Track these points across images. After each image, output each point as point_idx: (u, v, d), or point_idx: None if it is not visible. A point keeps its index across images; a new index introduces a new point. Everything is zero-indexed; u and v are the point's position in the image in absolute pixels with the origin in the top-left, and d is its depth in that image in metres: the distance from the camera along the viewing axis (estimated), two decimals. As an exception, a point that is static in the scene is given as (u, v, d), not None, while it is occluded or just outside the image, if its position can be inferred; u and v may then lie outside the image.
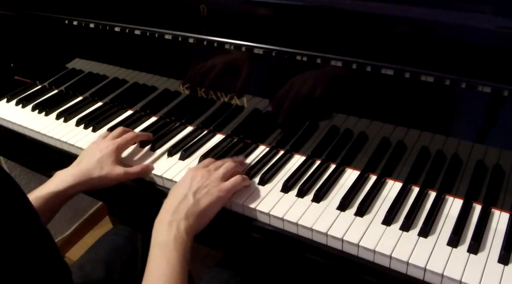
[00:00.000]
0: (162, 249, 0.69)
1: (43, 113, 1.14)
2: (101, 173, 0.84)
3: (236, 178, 0.80)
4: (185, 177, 0.80)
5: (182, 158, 0.93)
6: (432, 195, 0.79)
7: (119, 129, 0.96)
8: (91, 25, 1.02)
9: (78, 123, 1.08)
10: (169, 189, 0.84)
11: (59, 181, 0.83)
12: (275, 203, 0.79)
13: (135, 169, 0.88)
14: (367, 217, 0.76)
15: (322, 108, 0.84)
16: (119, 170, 0.86)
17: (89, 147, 0.91)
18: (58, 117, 1.11)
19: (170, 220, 0.72)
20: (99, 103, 1.17)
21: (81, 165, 0.86)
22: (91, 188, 0.86)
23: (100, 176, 0.84)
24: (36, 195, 0.80)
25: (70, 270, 0.65)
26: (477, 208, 0.76)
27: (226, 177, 0.80)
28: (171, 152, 0.95)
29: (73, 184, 0.83)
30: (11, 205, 0.54)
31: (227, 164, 0.83)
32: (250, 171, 0.87)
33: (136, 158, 0.95)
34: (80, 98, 1.20)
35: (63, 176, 0.84)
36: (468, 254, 0.68)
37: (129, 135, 0.93)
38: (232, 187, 0.79)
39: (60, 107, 1.15)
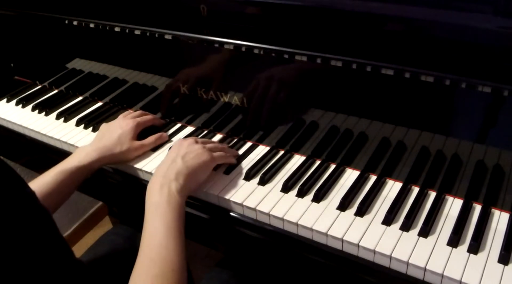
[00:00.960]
0: (155, 209, 0.71)
1: (43, 113, 1.14)
2: (122, 148, 0.91)
3: (223, 152, 0.87)
4: (173, 147, 0.85)
5: (182, 158, 0.93)
6: (432, 195, 0.79)
7: (139, 111, 1.04)
8: (91, 25, 1.02)
9: (78, 123, 1.08)
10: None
11: (83, 156, 0.88)
12: (275, 203, 0.79)
13: (150, 139, 0.95)
14: (367, 217, 0.76)
15: (322, 108, 0.84)
16: (137, 144, 0.93)
17: (111, 124, 0.97)
18: (58, 117, 1.11)
19: (161, 183, 0.75)
20: (99, 103, 1.17)
21: (103, 140, 0.92)
22: (113, 162, 0.92)
23: (122, 151, 0.91)
24: (61, 169, 0.84)
25: (72, 251, 0.65)
26: (477, 208, 0.76)
27: (213, 151, 0.85)
28: (171, 152, 0.95)
29: (97, 158, 0.88)
30: (10, 189, 0.54)
31: (216, 144, 0.90)
32: (250, 171, 0.87)
33: (136, 157, 0.95)
34: (80, 98, 1.20)
35: (87, 151, 0.89)
36: (468, 254, 0.68)
37: (147, 117, 1.01)
38: (218, 157, 0.85)
39: (60, 107, 1.16)
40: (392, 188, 0.82)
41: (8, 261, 0.52)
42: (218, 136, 1.00)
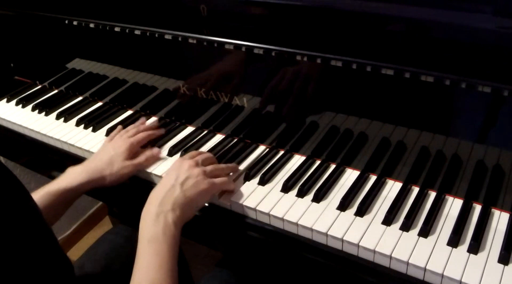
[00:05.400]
0: (150, 241, 0.69)
1: (43, 113, 1.14)
2: (112, 170, 0.87)
3: (223, 178, 0.82)
4: (172, 168, 0.82)
5: (182, 158, 0.93)
6: (432, 195, 0.79)
7: (135, 129, 0.97)
8: (91, 25, 1.02)
9: (78, 123, 1.08)
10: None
11: (71, 178, 0.85)
12: (275, 203, 0.79)
13: (140, 158, 0.91)
14: (367, 217, 0.76)
15: (322, 108, 0.84)
16: (128, 164, 0.88)
17: (104, 145, 0.93)
18: (58, 117, 1.11)
19: (157, 212, 0.72)
20: (99, 103, 1.17)
21: (94, 162, 0.88)
22: (102, 185, 0.87)
23: (111, 173, 0.87)
24: (48, 190, 0.82)
25: (72, 265, 0.65)
26: (477, 208, 0.76)
27: (213, 175, 0.81)
28: (171, 152, 0.95)
29: (85, 181, 0.85)
30: (15, 202, 0.54)
31: (216, 165, 0.84)
32: (250, 171, 0.87)
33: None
34: (80, 98, 1.20)
35: (76, 172, 0.86)
36: (468, 254, 0.68)
37: (141, 135, 0.95)
38: (219, 183, 0.80)
39: (60, 107, 1.16)
40: (392, 188, 0.82)
41: (7, 272, 0.52)
42: (218, 136, 1.00)
